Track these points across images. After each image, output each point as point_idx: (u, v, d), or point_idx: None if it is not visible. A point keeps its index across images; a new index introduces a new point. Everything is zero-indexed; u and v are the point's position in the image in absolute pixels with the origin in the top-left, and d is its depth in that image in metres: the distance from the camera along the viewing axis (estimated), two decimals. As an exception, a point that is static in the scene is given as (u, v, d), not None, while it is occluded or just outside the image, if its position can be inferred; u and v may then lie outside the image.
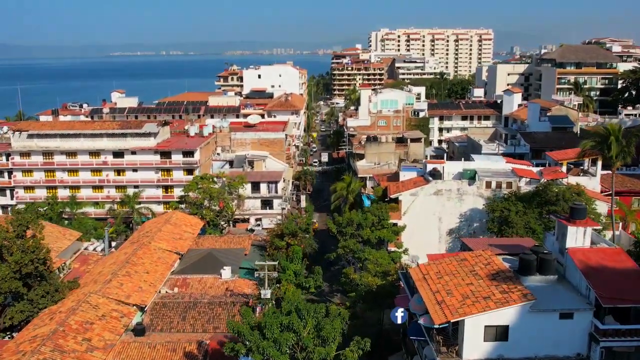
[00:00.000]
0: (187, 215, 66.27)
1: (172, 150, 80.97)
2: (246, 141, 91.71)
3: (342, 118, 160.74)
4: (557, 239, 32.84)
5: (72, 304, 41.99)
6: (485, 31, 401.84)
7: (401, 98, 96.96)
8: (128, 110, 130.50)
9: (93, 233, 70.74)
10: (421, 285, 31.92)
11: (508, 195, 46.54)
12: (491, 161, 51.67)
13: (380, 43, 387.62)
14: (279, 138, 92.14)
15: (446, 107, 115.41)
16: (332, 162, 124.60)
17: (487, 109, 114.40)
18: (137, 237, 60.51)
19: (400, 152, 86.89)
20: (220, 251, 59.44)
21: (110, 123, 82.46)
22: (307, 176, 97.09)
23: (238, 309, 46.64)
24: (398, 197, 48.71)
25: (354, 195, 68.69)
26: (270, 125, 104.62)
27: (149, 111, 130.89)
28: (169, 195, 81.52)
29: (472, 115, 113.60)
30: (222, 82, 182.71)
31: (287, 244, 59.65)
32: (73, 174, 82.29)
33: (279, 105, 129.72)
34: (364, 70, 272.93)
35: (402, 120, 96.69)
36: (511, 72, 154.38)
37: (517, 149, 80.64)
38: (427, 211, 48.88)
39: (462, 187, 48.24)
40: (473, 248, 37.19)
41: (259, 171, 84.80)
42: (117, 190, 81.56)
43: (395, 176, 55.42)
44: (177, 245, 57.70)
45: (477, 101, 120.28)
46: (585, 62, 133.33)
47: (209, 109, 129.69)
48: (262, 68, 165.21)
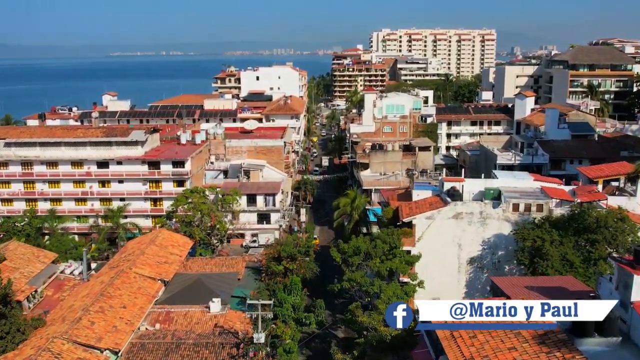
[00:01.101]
0: (174, 234, 59.93)
1: (161, 160, 74.70)
2: (242, 149, 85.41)
3: (344, 122, 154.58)
4: (617, 289, 26.54)
5: (31, 351, 35.71)
6: (487, 31, 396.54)
7: (408, 102, 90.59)
8: (119, 114, 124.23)
9: (72, 253, 64.43)
10: (449, 347, 25.66)
11: (540, 221, 40.34)
12: (516, 178, 45.46)
13: (382, 43, 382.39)
14: (277, 146, 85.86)
15: (454, 112, 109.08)
16: (334, 169, 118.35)
17: (497, 113, 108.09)
18: (117, 260, 54.19)
19: (407, 161, 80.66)
20: (210, 277, 53.28)
21: (95, 130, 76.18)
22: (307, 186, 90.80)
23: (228, 352, 40.56)
24: (412, 221, 42.44)
25: (359, 212, 62.53)
26: (268, 131, 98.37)
27: (142, 115, 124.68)
28: (158, 208, 75.25)
29: (482, 120, 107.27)
30: (219, 84, 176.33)
31: (285, 269, 53.50)
32: (54, 185, 76.03)
33: (278, 109, 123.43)
34: (365, 71, 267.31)
35: (409, 126, 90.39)
36: (520, 74, 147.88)
37: (534, 158, 74.43)
38: (445, 237, 42.51)
39: (485, 210, 41.98)
40: (506, 291, 30.92)
41: (256, 182, 78.56)
42: (101, 203, 75.31)
43: (407, 194, 49.16)
44: (161, 271, 51.43)
45: (486, 105, 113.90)
46: (599, 64, 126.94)
47: (205, 112, 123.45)
48: (260, 69, 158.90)
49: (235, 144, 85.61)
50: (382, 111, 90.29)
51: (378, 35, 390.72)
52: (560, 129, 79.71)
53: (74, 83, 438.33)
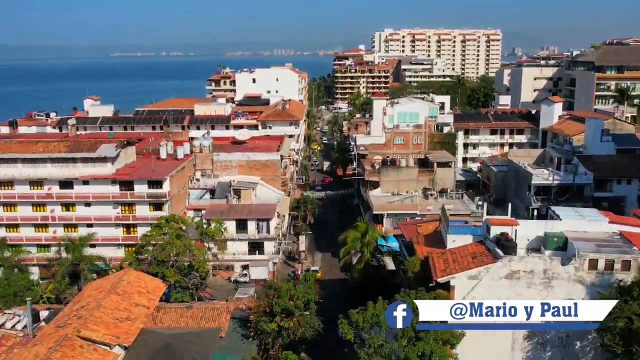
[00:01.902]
0: (143, 275, 48.32)
1: (134, 180, 63.14)
2: (232, 164, 73.95)
3: (347, 127, 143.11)
4: None
5: None
6: (493, 31, 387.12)
7: (423, 110, 78.96)
8: (101, 121, 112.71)
9: (23, 295, 52.93)
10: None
11: (628, 285, 28.87)
12: (585, 219, 34.14)
13: (384, 44, 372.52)
14: (272, 160, 74.40)
15: (472, 119, 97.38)
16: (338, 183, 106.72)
17: (520, 120, 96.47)
18: (67, 314, 42.76)
19: (424, 179, 69.20)
20: (185, 336, 42.12)
21: (57, 145, 64.61)
22: (307, 205, 79.23)
23: None
24: (449, 281, 31.08)
25: (371, 248, 51.12)
26: (263, 141, 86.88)
27: (125, 122, 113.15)
28: (131, 236, 63.75)
29: (503, 128, 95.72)
30: (213, 87, 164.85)
31: (279, 327, 42.17)
32: (9, 208, 64.63)
33: (275, 115, 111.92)
34: (368, 73, 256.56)
35: (424, 137, 78.93)
36: (538, 77, 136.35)
37: (575, 178, 62.96)
38: (495, 303, 31.42)
39: (551, 268, 30.66)
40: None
41: (247, 205, 67.03)
42: (65, 229, 63.80)
43: (437, 238, 37.57)
44: (120, 332, 39.86)
45: (507, 111, 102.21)
46: (630, 65, 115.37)
47: (195, 119, 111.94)
48: (257, 71, 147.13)
49: (225, 158, 74.14)
50: (393, 120, 78.72)
51: (380, 35, 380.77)
52: (604, 142, 68.23)
53: (64, 84, 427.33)
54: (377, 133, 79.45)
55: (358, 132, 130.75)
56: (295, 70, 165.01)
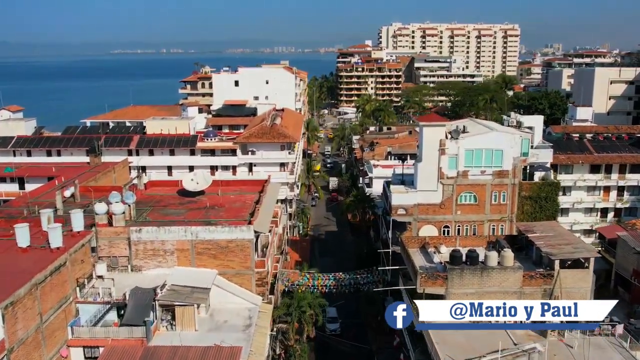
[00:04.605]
0: None
1: None
2: (165, 247, 39.66)
3: (359, 146, 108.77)
4: None
5: None
6: (510, 26, 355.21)
7: (509, 143, 44.24)
8: (14, 143, 78.48)
9: None
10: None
11: None
12: None
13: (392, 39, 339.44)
14: (242, 240, 39.96)
15: (559, 147, 62.72)
16: (352, 243, 72.28)
17: (635, 150, 62.10)
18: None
19: (535, 290, 34.89)
20: None
21: None
22: (303, 313, 44.46)
23: None
24: None
25: None
26: (234, 189, 52.51)
27: (47, 143, 78.79)
28: None
29: (609, 164, 61.26)
30: (188, 90, 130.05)
31: None
32: None
33: (261, 135, 76.99)
34: (377, 72, 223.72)
35: (510, 192, 44.47)
36: (615, 80, 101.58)
37: None
38: None
39: None
40: None
41: (186, 347, 32.66)
42: None
43: None
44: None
45: (611, 135, 67.20)
46: None
47: (146, 140, 77.58)
48: (241, 71, 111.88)
49: (151, 237, 39.73)
50: (457, 162, 44.00)
51: (388, 30, 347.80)
52: None
53: (68, 83, 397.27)
54: (429, 185, 44.50)
55: (375, 154, 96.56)
56: (292, 70, 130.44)
